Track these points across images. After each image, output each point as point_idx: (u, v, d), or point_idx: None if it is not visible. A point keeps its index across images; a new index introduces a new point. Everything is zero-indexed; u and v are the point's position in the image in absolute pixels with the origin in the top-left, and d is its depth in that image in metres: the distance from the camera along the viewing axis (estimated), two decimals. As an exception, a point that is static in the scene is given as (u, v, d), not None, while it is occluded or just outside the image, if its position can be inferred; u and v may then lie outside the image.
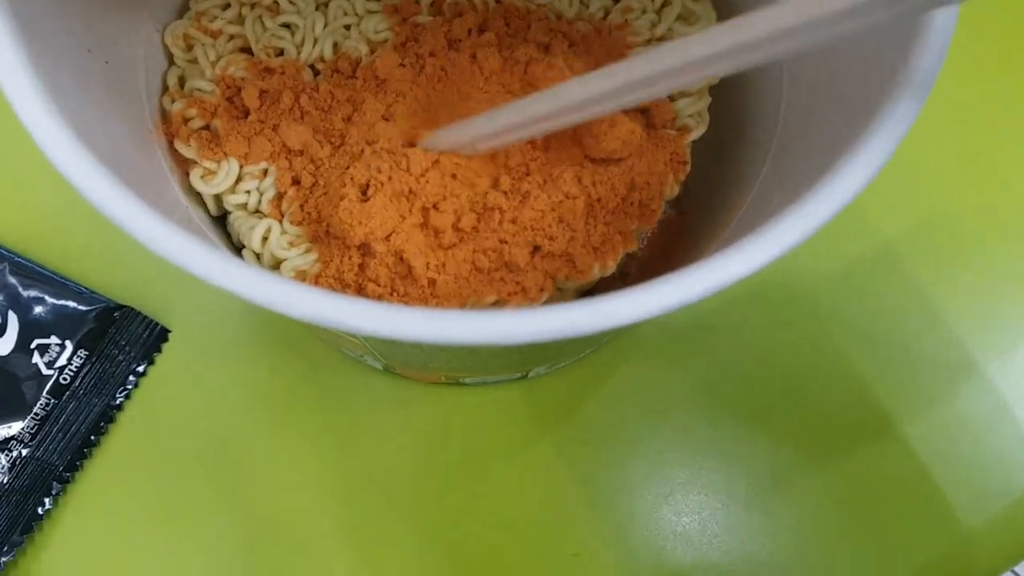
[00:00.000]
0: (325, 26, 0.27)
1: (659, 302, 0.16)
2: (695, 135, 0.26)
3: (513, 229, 0.23)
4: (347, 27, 0.28)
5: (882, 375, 0.33)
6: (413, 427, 0.33)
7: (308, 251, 0.25)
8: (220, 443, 0.32)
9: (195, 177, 0.26)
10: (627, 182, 0.25)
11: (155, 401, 0.32)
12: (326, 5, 0.28)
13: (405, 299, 0.23)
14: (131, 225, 0.16)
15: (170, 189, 0.25)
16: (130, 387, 0.31)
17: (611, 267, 0.25)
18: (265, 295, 0.16)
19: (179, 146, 0.26)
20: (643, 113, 0.26)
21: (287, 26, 0.28)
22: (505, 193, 0.23)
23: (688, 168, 0.26)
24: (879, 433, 0.33)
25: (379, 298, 0.23)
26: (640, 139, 0.24)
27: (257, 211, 0.26)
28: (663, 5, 0.28)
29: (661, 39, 0.27)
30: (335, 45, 0.27)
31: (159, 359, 0.32)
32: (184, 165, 0.26)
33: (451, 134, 0.24)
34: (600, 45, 0.27)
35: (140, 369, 0.32)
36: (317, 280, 0.24)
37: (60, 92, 0.19)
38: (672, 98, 0.27)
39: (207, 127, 0.26)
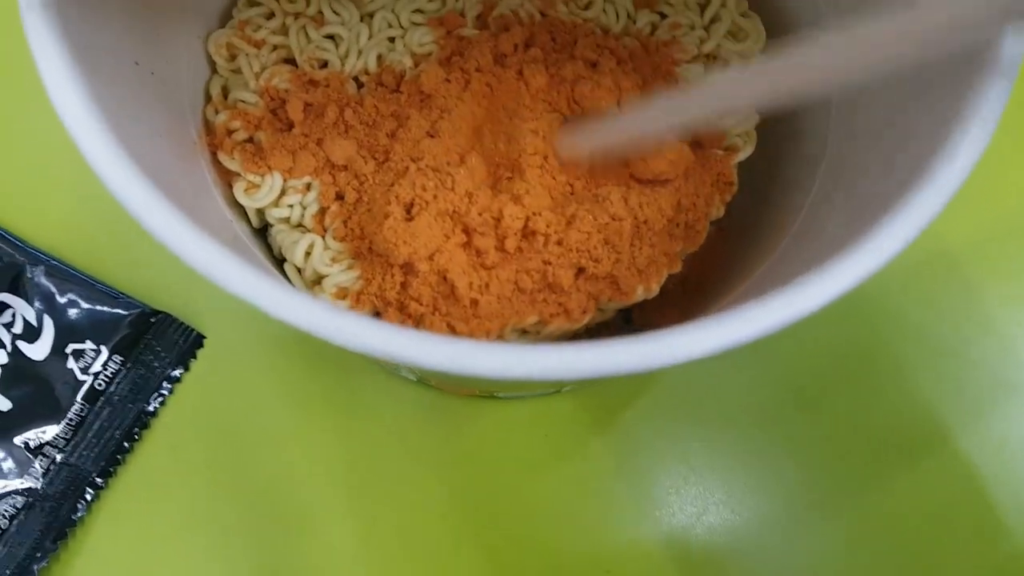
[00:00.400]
0: (370, 38, 0.27)
1: (730, 336, 0.16)
2: (742, 155, 0.26)
3: (558, 251, 0.23)
4: (391, 39, 0.27)
5: (936, 387, 0.33)
6: (446, 439, 0.32)
7: (350, 268, 0.25)
8: (254, 450, 0.32)
9: (239, 190, 0.26)
10: (674, 204, 0.24)
11: (190, 407, 0.32)
12: (371, 16, 0.27)
13: (447, 319, 0.23)
14: (187, 253, 0.16)
15: (215, 204, 0.25)
16: (165, 393, 0.31)
17: (655, 289, 0.25)
18: (331, 329, 0.16)
19: (223, 158, 0.26)
20: (690, 133, 0.26)
21: (331, 37, 0.27)
22: (551, 214, 0.23)
23: (735, 189, 0.26)
24: (928, 451, 0.33)
25: (421, 317, 0.23)
26: (689, 160, 0.24)
27: (300, 225, 0.26)
28: (712, 21, 0.27)
29: (709, 57, 0.27)
30: (379, 57, 0.27)
31: (194, 365, 0.32)
32: (227, 177, 0.26)
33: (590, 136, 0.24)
34: (648, 62, 0.26)
35: (175, 375, 0.32)
36: (359, 297, 0.24)
37: (109, 107, 0.19)
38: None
39: (251, 139, 0.26)
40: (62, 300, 0.31)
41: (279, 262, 0.27)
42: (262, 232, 0.27)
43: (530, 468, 0.32)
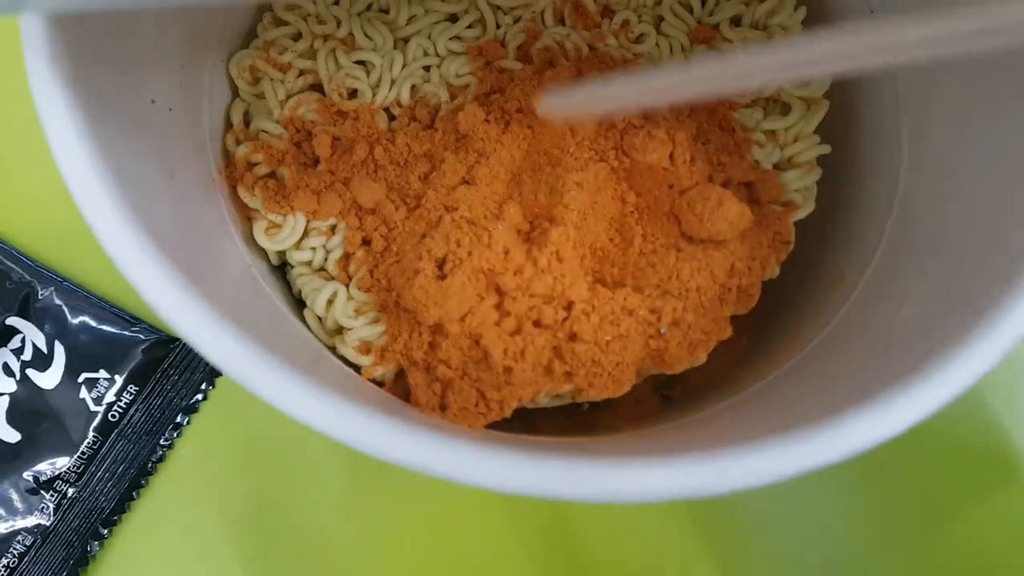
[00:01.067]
0: (403, 67, 0.25)
1: (813, 458, 0.14)
2: (802, 213, 0.24)
3: (597, 323, 0.21)
4: (426, 68, 0.25)
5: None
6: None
7: (375, 321, 0.23)
8: (276, 485, 0.30)
9: (259, 231, 0.24)
10: (727, 268, 0.22)
11: (207, 440, 0.31)
12: (405, 42, 0.26)
13: (477, 384, 0.22)
14: (211, 353, 0.15)
15: (232, 245, 0.23)
16: (182, 425, 0.30)
17: (702, 359, 0.23)
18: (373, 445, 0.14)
19: (243, 194, 0.24)
20: (747, 187, 0.24)
21: (362, 63, 0.26)
22: (589, 289, 0.21)
23: (791, 248, 0.24)
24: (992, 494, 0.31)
25: (449, 381, 0.22)
26: (749, 222, 0.22)
27: (322, 269, 0.24)
28: (773, 60, 0.25)
29: (770, 100, 0.25)
30: (413, 88, 0.25)
31: (212, 395, 0.31)
32: (246, 212, 0.25)
33: (567, 97, 0.22)
34: (703, 107, 0.24)
35: (193, 405, 0.30)
36: (383, 354, 0.23)
37: (120, 166, 0.17)
38: (779, 167, 0.24)
39: (273, 174, 0.25)
40: (74, 322, 0.30)
41: (297, 301, 0.25)
42: (280, 267, 0.26)
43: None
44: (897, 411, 0.15)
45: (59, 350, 0.30)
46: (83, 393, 0.29)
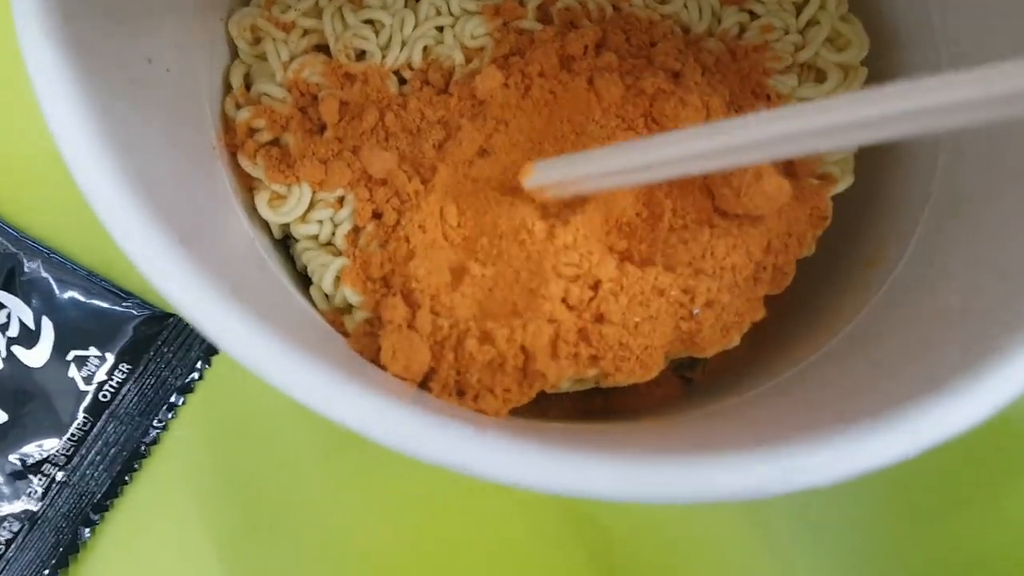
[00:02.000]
0: (415, 27, 0.24)
1: (883, 454, 0.13)
2: (840, 187, 0.23)
3: (626, 303, 0.20)
4: (439, 29, 0.24)
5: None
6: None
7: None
8: (275, 468, 0.29)
9: (261, 202, 0.22)
10: (763, 245, 0.21)
11: (204, 421, 0.29)
12: (417, 0, 0.24)
13: (498, 369, 0.20)
14: (221, 339, 0.13)
15: (234, 217, 0.22)
16: (177, 405, 0.29)
17: (736, 341, 0.22)
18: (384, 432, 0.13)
19: (244, 163, 0.23)
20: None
21: (370, 23, 0.24)
22: (615, 267, 0.20)
23: (827, 223, 0.23)
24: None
25: (467, 365, 0.20)
26: (788, 196, 0.21)
27: (329, 244, 0.23)
28: (808, 24, 0.24)
29: (804, 67, 0.24)
30: (425, 50, 0.23)
31: (208, 374, 0.29)
32: (248, 182, 0.23)
33: (557, 168, 0.20)
34: (736, 72, 0.23)
35: (188, 384, 0.29)
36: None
37: (116, 130, 0.16)
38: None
39: (276, 141, 0.23)
40: (62, 297, 0.28)
41: (302, 277, 0.24)
42: (283, 241, 0.24)
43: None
44: (973, 400, 0.14)
45: (47, 326, 0.28)
46: (72, 371, 0.28)
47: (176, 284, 0.14)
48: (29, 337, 0.28)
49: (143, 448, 0.28)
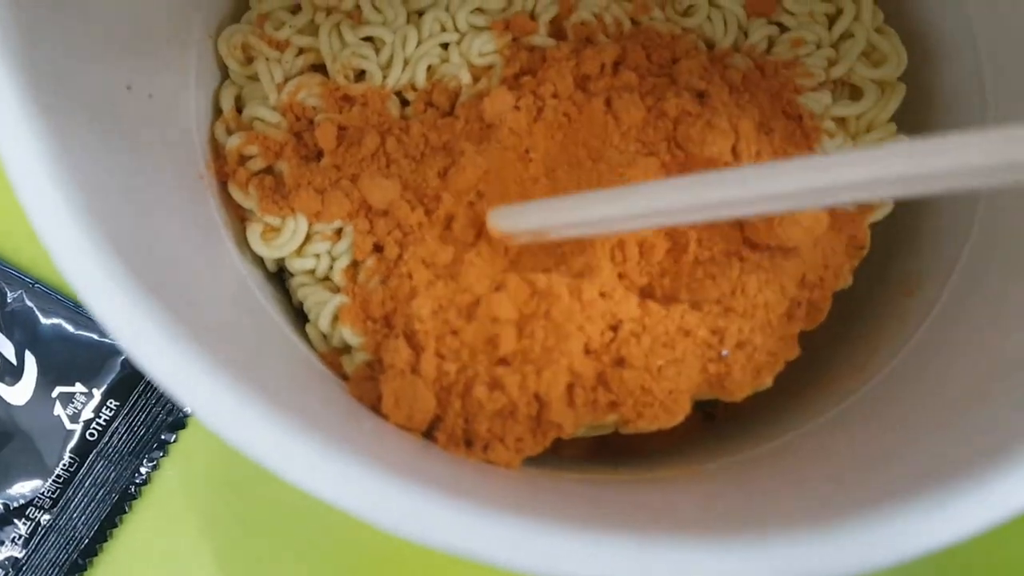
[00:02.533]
0: (418, 44, 0.22)
1: (960, 526, 0.11)
2: (879, 215, 0.21)
3: (649, 346, 0.18)
4: (444, 46, 0.22)
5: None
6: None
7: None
8: (275, 510, 0.27)
9: (253, 235, 0.21)
10: (797, 279, 0.19)
11: (197, 459, 0.27)
12: (419, 16, 0.22)
13: (510, 420, 0.18)
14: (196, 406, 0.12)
15: (224, 252, 0.20)
16: (168, 442, 0.27)
17: (768, 383, 0.20)
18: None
19: (235, 193, 0.21)
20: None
21: (370, 40, 0.22)
22: (639, 308, 0.18)
23: (865, 253, 0.21)
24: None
25: (475, 415, 0.19)
26: (824, 227, 0.19)
27: (327, 279, 0.21)
28: (842, 38, 0.22)
29: (839, 83, 0.22)
30: (429, 69, 0.22)
31: (200, 410, 0.28)
32: (239, 212, 0.21)
33: (529, 216, 0.19)
34: (765, 90, 0.21)
35: (179, 419, 0.27)
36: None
37: (84, 162, 0.14)
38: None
39: (270, 170, 0.21)
40: (46, 330, 0.27)
41: (297, 312, 0.22)
42: (278, 274, 0.23)
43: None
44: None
45: (30, 361, 0.26)
46: (57, 409, 0.26)
47: (144, 347, 0.12)
48: (11, 373, 0.26)
49: (133, 489, 0.27)
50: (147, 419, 0.27)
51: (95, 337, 0.27)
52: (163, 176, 0.19)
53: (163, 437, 0.27)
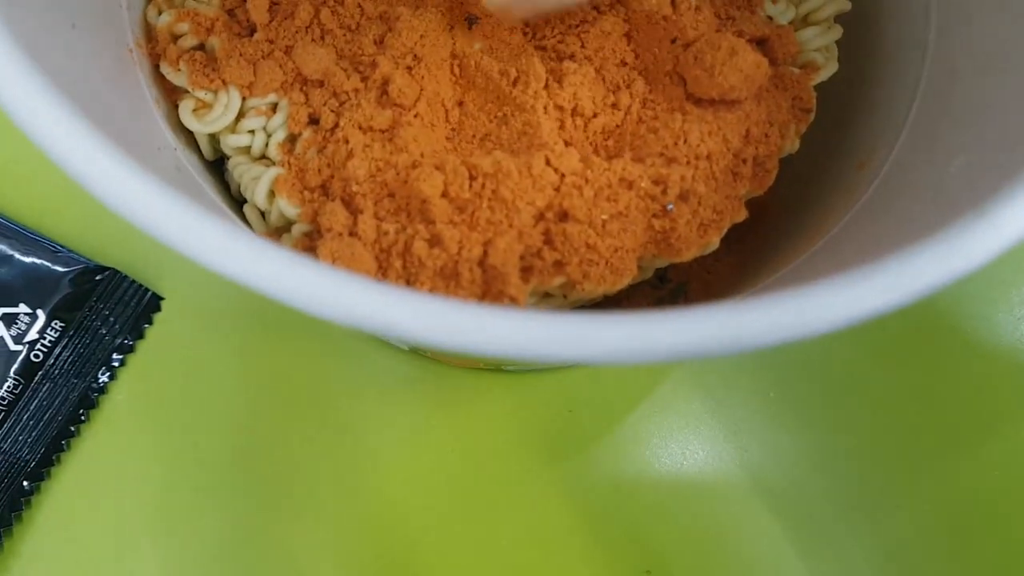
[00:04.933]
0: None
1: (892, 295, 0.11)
2: (823, 75, 0.21)
3: (591, 198, 0.18)
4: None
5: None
6: (446, 419, 0.27)
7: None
8: (220, 431, 0.27)
9: (185, 111, 0.20)
10: (742, 133, 0.19)
11: (144, 382, 0.27)
12: None
13: (456, 277, 0.18)
14: (96, 183, 0.11)
15: (154, 127, 0.20)
16: (115, 365, 0.26)
17: (715, 243, 0.19)
18: (295, 291, 0.11)
19: (166, 71, 0.20)
20: (759, 44, 0.20)
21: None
22: (587, 164, 0.18)
23: (812, 117, 0.21)
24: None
25: (421, 283, 0.18)
26: (765, 75, 0.19)
27: (263, 157, 0.21)
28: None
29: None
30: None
31: (149, 332, 0.27)
32: (173, 95, 0.21)
33: None
34: None
35: (127, 344, 0.27)
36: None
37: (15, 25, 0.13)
38: (795, 26, 0.21)
39: (202, 46, 0.21)
40: (-11, 250, 0.26)
41: (238, 204, 0.21)
42: (217, 166, 0.22)
43: (543, 451, 0.27)
44: (965, 246, 0.11)
45: (-30, 282, 0.26)
46: (1, 330, 0.26)
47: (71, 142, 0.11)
48: (-51, 293, 0.25)
49: (81, 412, 0.26)
50: (93, 341, 0.26)
51: (38, 260, 0.26)
52: (93, 49, 0.18)
53: (111, 360, 0.26)
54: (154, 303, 0.27)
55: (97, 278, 0.26)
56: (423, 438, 0.27)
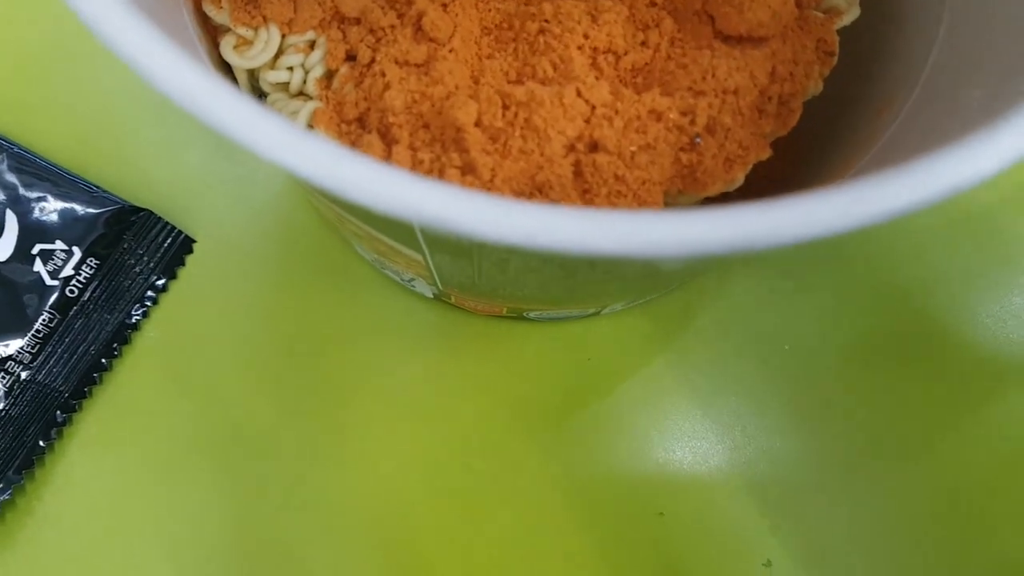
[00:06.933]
0: None
1: (901, 200, 0.11)
2: (846, 20, 0.21)
3: (621, 128, 0.19)
4: None
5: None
6: (467, 364, 0.28)
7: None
8: (248, 371, 0.27)
9: (226, 47, 0.21)
10: (768, 71, 0.20)
11: (176, 321, 0.28)
12: None
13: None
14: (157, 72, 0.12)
15: (198, 60, 0.20)
16: (148, 304, 0.27)
17: (740, 180, 0.20)
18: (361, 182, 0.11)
19: (208, 8, 0.21)
20: (785, -13, 0.21)
21: None
22: (610, 92, 0.19)
23: (835, 60, 0.21)
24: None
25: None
26: (792, 14, 0.19)
27: (301, 94, 0.21)
28: None
29: None
30: None
31: (181, 273, 0.28)
32: (214, 34, 0.22)
33: None
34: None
35: (160, 283, 0.27)
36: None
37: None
38: (818, -29, 0.22)
39: (243, -13, 0.21)
40: (27, 189, 0.27)
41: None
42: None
43: (565, 400, 0.28)
44: (987, 152, 0.12)
45: (11, 219, 0.26)
46: (38, 266, 0.26)
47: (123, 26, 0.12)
48: (-9, 228, 0.26)
49: (114, 347, 0.27)
50: (126, 279, 0.27)
51: (76, 199, 0.27)
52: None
53: (145, 298, 0.27)
54: (187, 245, 0.28)
55: (132, 219, 0.27)
56: (441, 382, 0.28)
